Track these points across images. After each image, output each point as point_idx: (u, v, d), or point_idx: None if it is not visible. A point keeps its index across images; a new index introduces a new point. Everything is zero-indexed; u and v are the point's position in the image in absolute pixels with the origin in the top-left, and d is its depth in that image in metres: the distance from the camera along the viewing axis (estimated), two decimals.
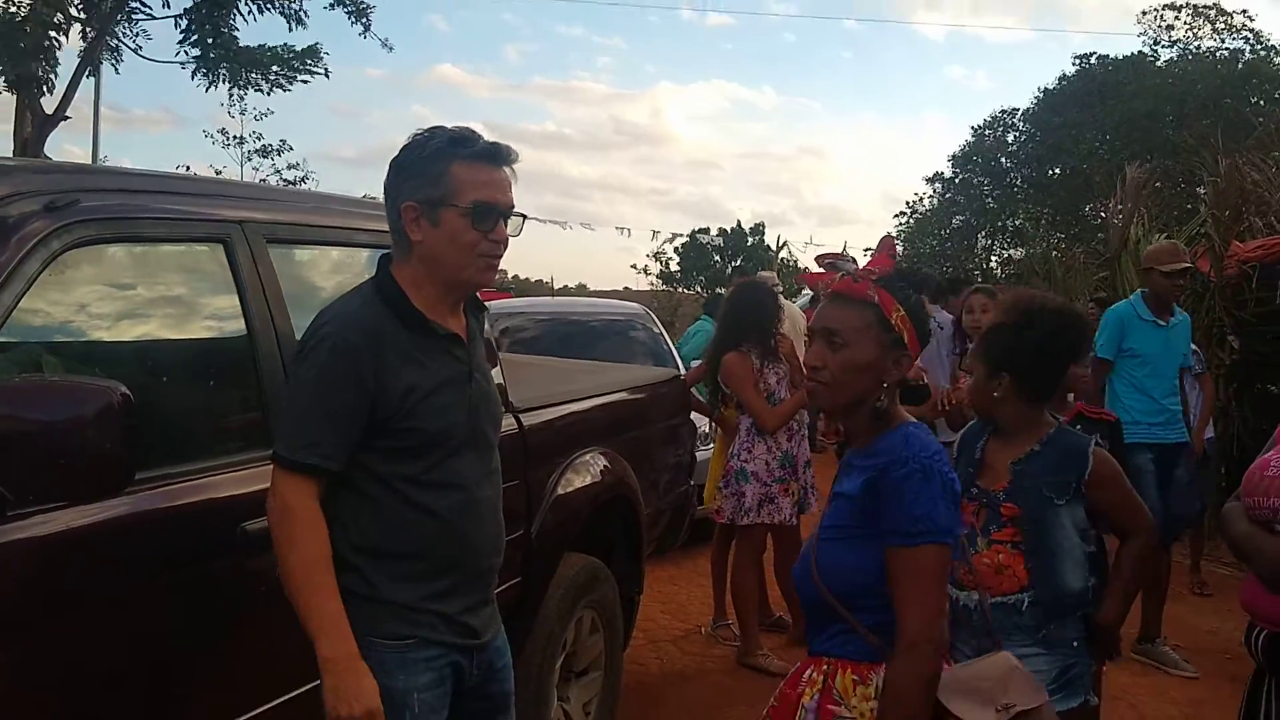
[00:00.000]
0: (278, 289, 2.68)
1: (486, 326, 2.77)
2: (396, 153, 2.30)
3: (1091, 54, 27.77)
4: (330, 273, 3.08)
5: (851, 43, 79.52)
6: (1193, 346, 6.38)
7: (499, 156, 2.29)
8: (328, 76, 17.52)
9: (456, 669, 2.35)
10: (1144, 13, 27.98)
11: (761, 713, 2.34)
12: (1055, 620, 2.77)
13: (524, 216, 2.36)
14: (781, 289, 8.44)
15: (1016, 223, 27.56)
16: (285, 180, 20.17)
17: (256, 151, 21.70)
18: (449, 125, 2.31)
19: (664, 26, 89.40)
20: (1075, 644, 2.80)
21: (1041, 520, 2.80)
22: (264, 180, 20.10)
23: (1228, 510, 2.77)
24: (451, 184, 2.22)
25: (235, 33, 16.60)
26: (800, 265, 32.37)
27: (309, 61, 17.15)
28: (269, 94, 17.65)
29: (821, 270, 2.27)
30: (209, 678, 2.34)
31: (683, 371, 6.60)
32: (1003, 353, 2.90)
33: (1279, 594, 2.52)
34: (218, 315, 2.64)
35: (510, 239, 2.31)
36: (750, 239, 37.41)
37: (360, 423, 2.18)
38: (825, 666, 2.18)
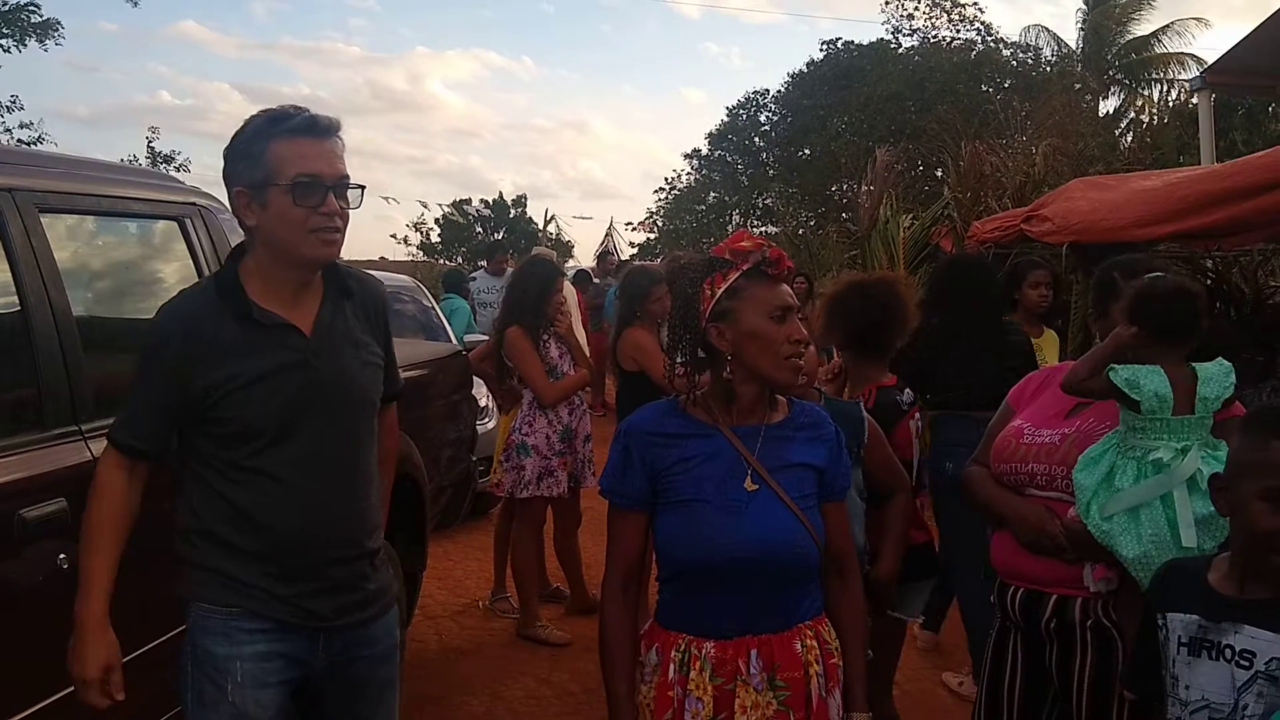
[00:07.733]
0: (53, 261, 2.54)
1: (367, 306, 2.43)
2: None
3: (838, 39, 28.73)
4: (110, 244, 2.91)
5: (610, 16, 79.84)
6: None
7: (319, 128, 2.24)
8: (46, 49, 16.33)
9: (297, 647, 2.26)
10: (887, 2, 29.36)
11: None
12: None
13: (361, 188, 2.29)
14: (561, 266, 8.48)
15: (767, 201, 28.51)
16: (22, 141, 18.59)
17: None
18: (277, 106, 2.26)
19: None
20: None
21: None
22: None
23: (973, 475, 2.95)
24: (272, 163, 2.17)
25: None
26: (568, 240, 32.36)
27: (52, 32, 15.96)
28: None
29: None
30: None
31: (456, 344, 6.57)
32: None
33: (1039, 554, 2.74)
34: None
35: (348, 211, 2.25)
36: (513, 211, 37.11)
37: (170, 408, 2.19)
38: (810, 631, 2.26)
